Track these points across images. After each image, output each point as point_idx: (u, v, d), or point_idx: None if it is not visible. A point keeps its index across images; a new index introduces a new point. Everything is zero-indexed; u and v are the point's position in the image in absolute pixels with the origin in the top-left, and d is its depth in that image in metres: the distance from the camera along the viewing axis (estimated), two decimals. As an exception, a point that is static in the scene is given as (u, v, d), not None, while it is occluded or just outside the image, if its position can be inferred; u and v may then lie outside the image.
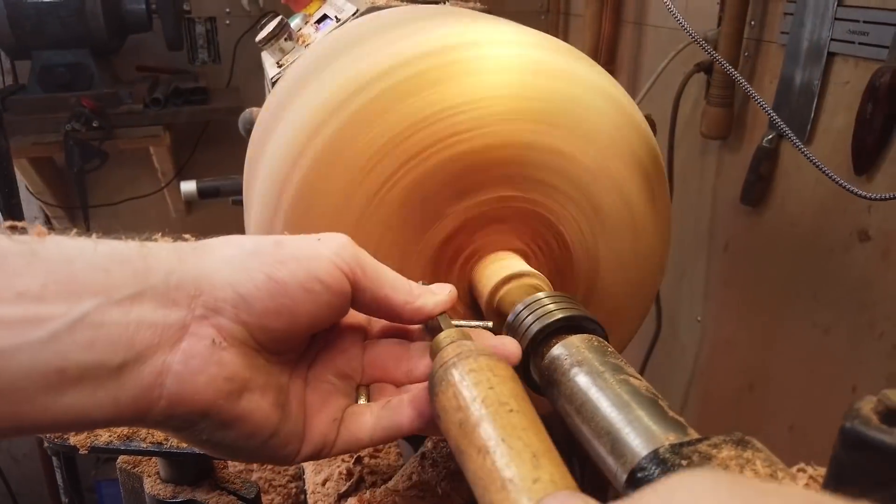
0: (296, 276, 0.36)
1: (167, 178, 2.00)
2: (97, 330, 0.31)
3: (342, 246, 0.38)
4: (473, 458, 0.32)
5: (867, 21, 0.95)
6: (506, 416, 0.33)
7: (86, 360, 0.30)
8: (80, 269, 0.31)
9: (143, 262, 0.33)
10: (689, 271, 1.42)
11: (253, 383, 0.36)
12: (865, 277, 1.00)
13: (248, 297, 0.35)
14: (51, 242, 0.32)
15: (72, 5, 1.67)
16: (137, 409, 0.32)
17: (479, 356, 0.37)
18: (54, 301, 0.30)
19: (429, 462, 0.70)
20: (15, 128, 1.64)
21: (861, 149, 0.96)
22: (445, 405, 0.35)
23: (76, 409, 0.31)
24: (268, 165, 0.57)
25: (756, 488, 0.19)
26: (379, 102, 0.51)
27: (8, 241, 0.31)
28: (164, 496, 0.51)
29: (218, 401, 0.34)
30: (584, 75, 0.55)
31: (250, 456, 0.38)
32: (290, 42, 0.89)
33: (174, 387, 0.33)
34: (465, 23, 0.59)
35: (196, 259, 0.35)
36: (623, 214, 0.55)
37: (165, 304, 0.33)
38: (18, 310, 0.29)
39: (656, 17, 1.47)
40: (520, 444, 0.31)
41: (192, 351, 0.33)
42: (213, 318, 0.34)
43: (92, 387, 0.31)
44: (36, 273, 0.30)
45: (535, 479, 0.29)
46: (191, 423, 0.34)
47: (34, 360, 0.29)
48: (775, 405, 1.21)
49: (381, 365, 0.43)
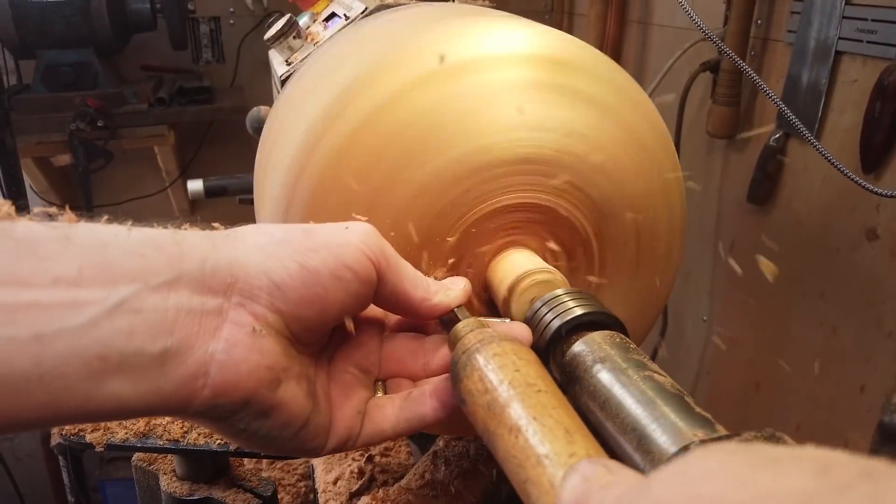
0: (327, 264, 0.35)
1: (171, 178, 2.00)
2: (136, 316, 0.30)
3: (368, 234, 0.38)
4: (505, 438, 0.32)
5: (875, 19, 0.95)
6: (535, 396, 0.33)
7: (126, 347, 0.30)
8: (115, 254, 0.31)
9: (178, 247, 0.33)
10: (695, 270, 1.42)
11: (289, 372, 0.36)
12: (873, 276, 1.00)
13: (282, 286, 0.34)
14: (84, 228, 0.32)
15: (76, 5, 1.67)
16: (180, 398, 0.32)
17: (502, 341, 0.37)
18: (91, 286, 0.30)
19: (441, 461, 0.70)
20: (19, 127, 1.64)
21: (869, 147, 0.96)
22: (471, 388, 0.35)
23: (118, 397, 0.30)
24: (282, 162, 0.57)
25: (767, 454, 0.19)
26: (390, 102, 0.51)
27: (41, 227, 0.30)
28: (180, 494, 0.51)
29: (260, 389, 0.34)
30: (598, 75, 0.55)
31: (281, 447, 0.37)
32: (299, 40, 0.89)
33: (218, 376, 0.33)
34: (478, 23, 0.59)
35: (228, 246, 0.35)
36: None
37: (202, 290, 0.33)
38: (55, 294, 0.29)
39: (661, 17, 1.47)
40: (551, 422, 0.31)
41: (233, 339, 0.33)
42: (250, 305, 0.34)
43: (134, 375, 0.30)
44: (71, 258, 0.30)
45: (570, 453, 0.30)
46: (231, 413, 0.34)
47: (74, 346, 0.29)
48: (782, 404, 1.21)
49: (398, 359, 0.43)
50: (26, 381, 0.28)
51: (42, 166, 1.85)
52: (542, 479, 0.29)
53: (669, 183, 0.57)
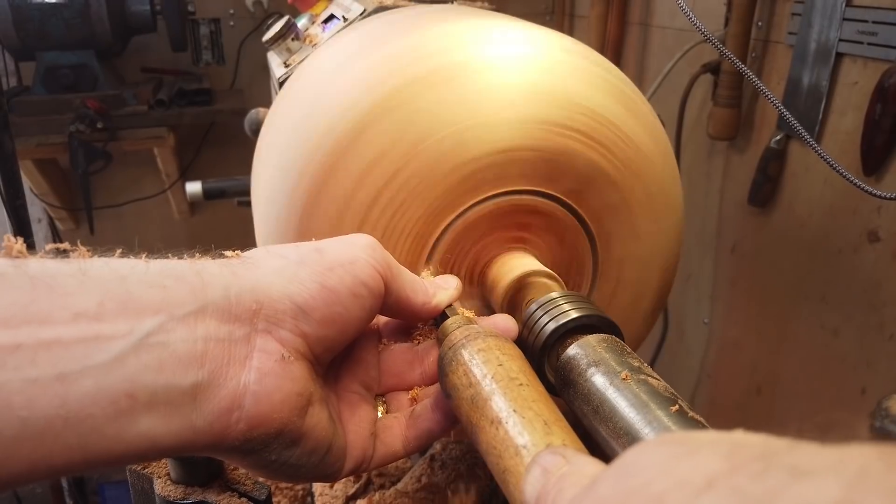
0: (344, 283, 0.35)
1: (171, 180, 1.99)
2: (164, 349, 0.29)
3: (373, 248, 0.38)
4: (486, 430, 0.33)
5: (876, 21, 0.94)
6: (516, 390, 0.34)
7: (156, 383, 0.29)
8: (135, 287, 0.30)
9: (199, 277, 0.32)
10: (696, 273, 1.41)
11: (314, 396, 0.35)
12: (875, 279, 0.99)
13: (306, 308, 0.34)
14: (99, 262, 0.31)
15: (76, 7, 1.67)
16: (214, 433, 0.31)
17: (487, 337, 0.38)
18: (114, 320, 0.28)
19: (438, 464, 0.69)
20: (19, 129, 1.64)
21: (870, 150, 0.96)
22: (456, 383, 0.36)
23: (150, 436, 0.29)
24: (279, 164, 0.56)
25: (694, 442, 0.20)
26: (393, 102, 0.50)
27: (54, 263, 0.29)
28: (174, 497, 0.51)
29: (292, 417, 0.33)
30: (593, 78, 0.54)
31: (307, 474, 0.37)
32: (297, 42, 0.89)
33: (253, 408, 0.32)
34: (478, 25, 0.58)
35: (248, 272, 0.34)
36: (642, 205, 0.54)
37: (228, 319, 0.32)
38: (77, 331, 0.27)
39: (662, 18, 1.47)
40: (531, 414, 0.32)
41: (265, 368, 0.32)
42: (276, 331, 0.33)
43: (166, 412, 0.29)
44: (90, 292, 0.28)
45: (547, 443, 0.30)
46: (265, 445, 0.33)
47: (100, 384, 0.27)
48: (784, 408, 1.21)
49: (397, 371, 0.43)
50: (52, 424, 0.26)
51: (42, 168, 1.85)
52: (520, 469, 0.30)
53: (665, 179, 0.56)
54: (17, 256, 0.29)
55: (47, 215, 2.02)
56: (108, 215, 2.02)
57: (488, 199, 0.51)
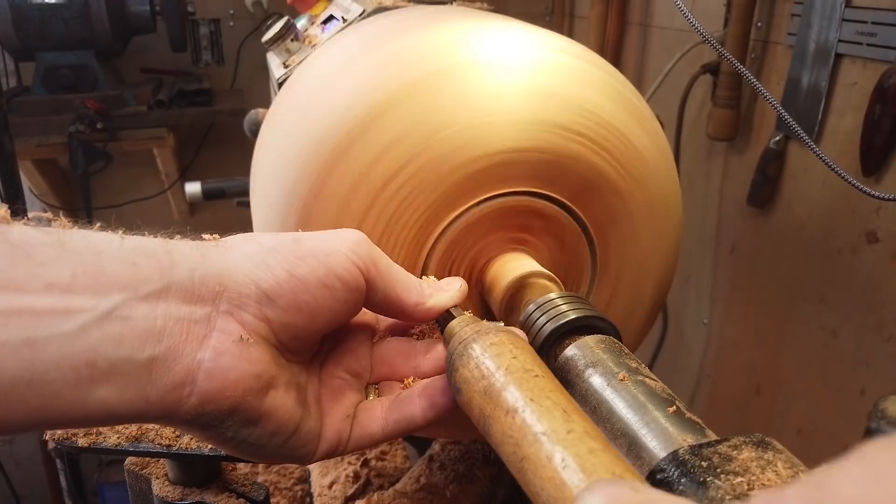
0: (315, 273, 0.36)
1: (171, 180, 1.99)
2: (125, 323, 0.31)
3: (357, 242, 0.38)
4: (501, 420, 0.32)
5: (875, 22, 0.94)
6: (532, 381, 0.33)
7: (115, 355, 0.30)
8: (107, 262, 0.31)
9: (168, 257, 0.33)
10: (695, 273, 1.41)
11: (277, 380, 0.36)
12: (873, 279, 0.99)
13: (271, 293, 0.35)
14: (77, 234, 0.32)
15: (76, 7, 1.67)
16: (167, 405, 0.32)
17: (499, 332, 0.37)
18: (83, 293, 0.30)
19: (437, 465, 0.69)
20: (19, 129, 1.64)
21: (869, 150, 0.96)
22: (467, 376, 0.36)
23: (106, 404, 0.30)
24: (276, 165, 0.56)
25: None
26: (392, 106, 0.51)
27: (36, 232, 0.31)
28: (172, 498, 0.51)
29: (247, 397, 0.34)
30: (589, 78, 0.54)
31: (271, 455, 0.37)
32: (297, 42, 0.89)
33: (205, 384, 0.33)
34: (476, 27, 0.58)
35: (218, 255, 0.35)
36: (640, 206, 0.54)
37: (191, 299, 0.33)
38: (48, 301, 0.29)
39: (661, 19, 1.47)
40: (549, 403, 0.31)
41: (221, 347, 0.33)
42: (238, 313, 0.34)
43: (122, 382, 0.31)
44: (65, 264, 0.30)
45: (568, 430, 0.30)
46: (219, 421, 0.34)
47: (64, 352, 0.29)
48: (783, 408, 1.21)
49: (389, 362, 0.43)
50: (17, 385, 0.28)
51: (42, 168, 1.85)
52: (540, 455, 0.29)
53: (666, 188, 0.56)
54: (0, 222, 0.31)
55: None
56: (107, 216, 2.01)
57: (491, 199, 0.51)
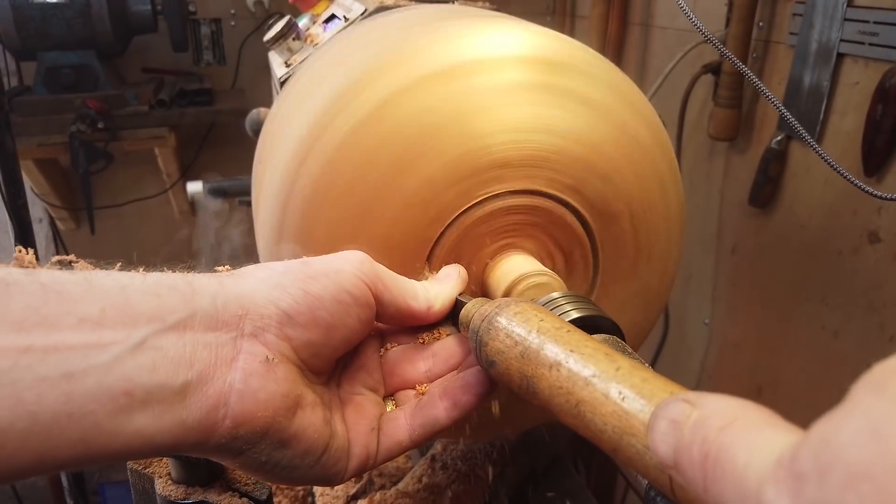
0: (328, 290, 0.38)
1: (172, 180, 1.99)
2: (157, 352, 0.32)
3: (361, 261, 0.40)
4: (546, 376, 0.33)
5: (877, 22, 0.94)
6: (566, 335, 0.34)
7: (150, 382, 0.31)
8: (133, 296, 0.33)
9: (189, 287, 0.35)
10: (696, 273, 1.41)
11: (304, 400, 0.37)
12: (875, 280, 0.99)
13: (290, 312, 0.36)
14: (102, 273, 0.34)
15: (77, 7, 1.67)
16: (202, 430, 0.33)
17: (520, 302, 0.38)
18: (114, 326, 0.31)
19: (439, 464, 0.69)
20: (20, 129, 1.64)
21: (871, 150, 0.96)
22: (499, 347, 0.36)
23: (145, 432, 0.31)
24: (278, 164, 0.56)
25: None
26: (388, 105, 0.50)
27: (62, 273, 0.32)
28: (175, 497, 0.51)
29: (277, 417, 0.35)
30: (591, 76, 0.54)
31: (304, 477, 0.38)
32: (299, 42, 0.89)
33: (237, 405, 0.34)
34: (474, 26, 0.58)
35: (234, 283, 0.37)
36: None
37: (215, 325, 0.34)
38: (81, 336, 0.30)
39: (663, 19, 1.47)
40: (589, 350, 0.32)
41: (249, 369, 0.35)
42: (262, 335, 0.35)
43: (158, 409, 0.32)
44: (94, 300, 0.32)
45: (616, 367, 0.30)
46: (252, 443, 0.35)
47: (101, 382, 0.30)
48: (784, 408, 1.20)
49: (399, 372, 0.44)
50: (59, 419, 0.29)
51: (43, 168, 1.85)
52: (596, 395, 0.30)
53: (666, 183, 0.56)
54: (27, 266, 0.33)
55: (48, 215, 2.02)
56: (108, 215, 2.03)
57: (491, 199, 0.51)
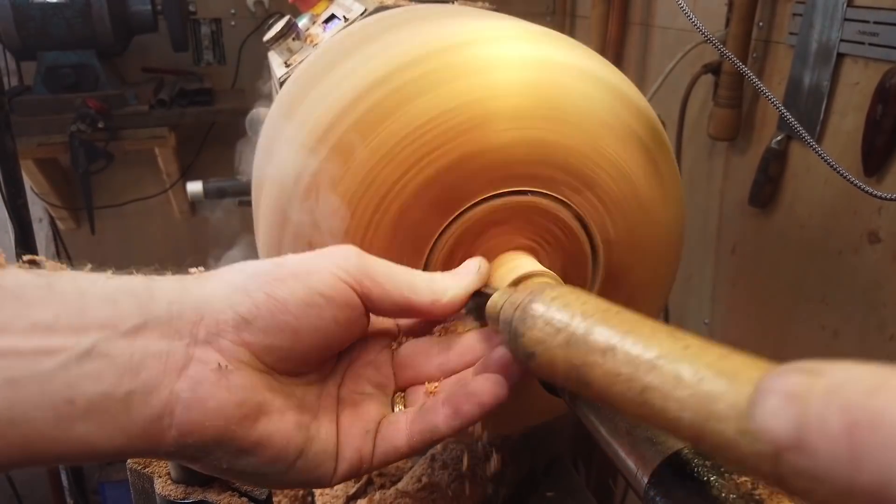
0: (295, 294, 0.35)
1: (172, 180, 1.99)
2: (103, 361, 0.31)
3: (345, 258, 0.38)
4: (600, 363, 0.29)
5: (877, 22, 0.94)
6: (616, 316, 0.30)
7: (93, 391, 0.31)
8: (90, 301, 0.32)
9: (148, 292, 0.34)
10: (696, 273, 1.41)
11: (269, 406, 0.35)
12: (875, 280, 0.99)
13: (249, 317, 0.34)
14: (67, 276, 0.33)
15: (77, 6, 1.67)
16: (147, 439, 0.32)
17: (556, 286, 0.35)
18: (65, 333, 0.31)
19: (438, 464, 0.69)
20: (20, 129, 1.64)
21: (871, 150, 0.95)
22: (539, 336, 0.33)
23: (86, 440, 0.31)
24: (277, 166, 0.56)
25: None
26: (380, 108, 0.50)
27: (28, 275, 0.32)
28: (174, 497, 0.51)
29: (230, 427, 0.33)
30: (571, 62, 0.54)
31: (280, 481, 0.37)
32: (298, 42, 0.89)
33: (184, 415, 0.32)
34: (462, 23, 0.58)
35: (198, 286, 0.35)
36: (625, 191, 0.54)
37: (169, 334, 0.33)
38: (31, 341, 0.30)
39: (663, 19, 1.47)
40: (647, 330, 0.29)
41: (198, 377, 0.33)
42: (216, 341, 0.34)
43: (101, 418, 0.31)
44: (50, 305, 0.31)
45: (684, 346, 0.27)
46: (205, 452, 0.34)
47: (44, 390, 0.30)
48: (784, 408, 1.20)
49: (412, 365, 0.42)
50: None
51: (43, 168, 1.85)
52: (665, 378, 0.26)
53: (666, 183, 0.56)
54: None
55: (48, 215, 2.02)
56: (109, 215, 2.03)
57: (491, 199, 0.51)
